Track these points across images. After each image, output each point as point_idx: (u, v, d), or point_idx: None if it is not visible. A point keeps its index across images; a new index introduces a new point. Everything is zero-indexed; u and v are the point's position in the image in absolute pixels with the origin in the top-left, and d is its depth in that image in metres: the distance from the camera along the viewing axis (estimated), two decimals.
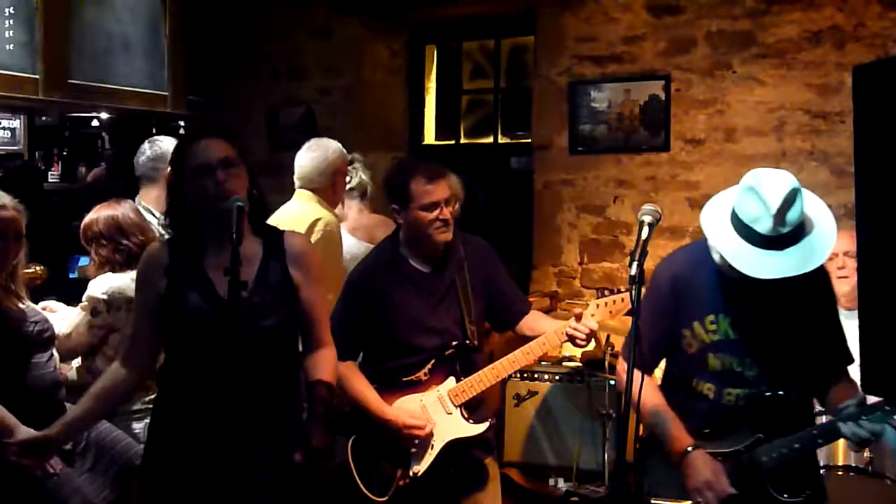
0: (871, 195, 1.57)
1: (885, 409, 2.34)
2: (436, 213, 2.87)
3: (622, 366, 2.75)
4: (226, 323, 2.33)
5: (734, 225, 2.43)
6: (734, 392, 2.58)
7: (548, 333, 2.95)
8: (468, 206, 4.18)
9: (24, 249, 3.08)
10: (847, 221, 4.43)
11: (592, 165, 5.42)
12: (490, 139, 6.16)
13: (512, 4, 5.75)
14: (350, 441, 2.96)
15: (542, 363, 4.84)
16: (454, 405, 2.93)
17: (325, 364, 2.57)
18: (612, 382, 4.37)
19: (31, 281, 3.39)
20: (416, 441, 2.91)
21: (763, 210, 2.34)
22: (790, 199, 2.33)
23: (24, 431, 2.86)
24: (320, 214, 3.75)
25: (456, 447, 2.94)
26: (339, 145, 4.03)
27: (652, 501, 2.48)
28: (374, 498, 2.92)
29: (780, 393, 2.54)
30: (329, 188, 3.91)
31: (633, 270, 2.30)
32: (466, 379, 2.94)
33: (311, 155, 3.92)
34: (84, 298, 3.33)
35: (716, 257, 2.57)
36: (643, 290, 2.38)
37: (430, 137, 6.36)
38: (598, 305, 2.96)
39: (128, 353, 2.58)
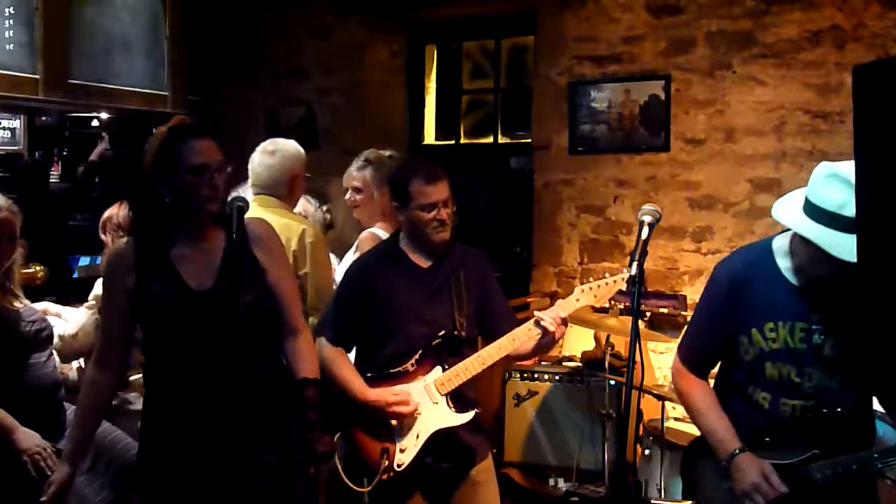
0: (872, 195, 1.56)
1: None
2: (433, 213, 2.94)
3: (675, 366, 2.68)
4: (197, 313, 2.39)
5: (814, 217, 2.34)
6: (790, 403, 2.49)
7: (532, 320, 2.97)
8: (469, 207, 4.20)
9: (20, 250, 3.08)
10: None
11: (592, 165, 5.42)
12: (490, 139, 6.16)
13: (512, 4, 5.75)
14: (336, 437, 2.98)
15: (542, 363, 4.85)
16: (440, 394, 2.95)
17: (306, 356, 2.60)
18: (613, 382, 4.37)
19: (31, 281, 3.40)
20: (401, 425, 2.92)
21: (851, 193, 2.25)
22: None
23: (23, 432, 2.87)
24: (303, 224, 3.69)
25: (446, 440, 2.95)
26: (297, 147, 3.81)
27: (652, 502, 2.47)
28: (356, 489, 2.94)
29: (840, 409, 2.43)
30: (288, 194, 3.75)
31: (633, 270, 2.29)
32: (452, 368, 2.96)
33: (268, 161, 3.70)
34: (90, 298, 3.33)
35: (781, 263, 2.49)
36: (639, 290, 2.35)
37: (430, 137, 6.36)
38: (582, 290, 2.97)
39: (102, 354, 2.57)
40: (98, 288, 3.31)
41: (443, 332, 2.96)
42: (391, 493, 2.94)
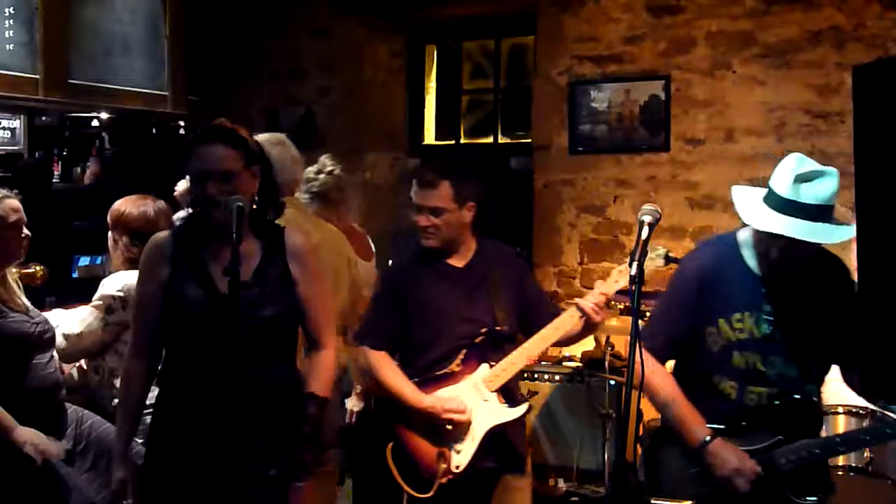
0: (871, 195, 1.57)
1: None
2: (420, 217, 2.97)
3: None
4: (222, 315, 2.35)
5: (771, 205, 2.45)
6: (756, 391, 2.58)
7: (573, 307, 2.96)
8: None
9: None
10: None
11: (592, 165, 5.42)
12: (490, 139, 6.16)
13: (512, 4, 5.75)
14: (389, 447, 2.99)
15: (542, 363, 4.84)
16: (489, 391, 2.96)
17: (321, 373, 2.57)
18: (613, 382, 4.37)
19: (31, 281, 3.39)
20: (456, 428, 2.93)
21: (789, 176, 2.41)
22: (819, 172, 2.39)
23: (22, 432, 2.87)
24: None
25: (498, 438, 2.97)
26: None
27: (652, 502, 2.49)
28: (417, 495, 2.94)
29: (801, 396, 2.53)
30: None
31: (633, 270, 2.29)
32: (499, 364, 2.97)
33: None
34: (97, 297, 3.30)
35: (746, 255, 2.58)
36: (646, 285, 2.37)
37: (430, 137, 6.36)
38: (619, 272, 2.92)
39: (137, 346, 2.59)
40: (105, 287, 3.29)
41: (484, 328, 2.97)
42: (452, 497, 2.95)
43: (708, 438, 2.53)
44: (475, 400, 2.95)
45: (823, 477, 2.60)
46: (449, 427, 2.93)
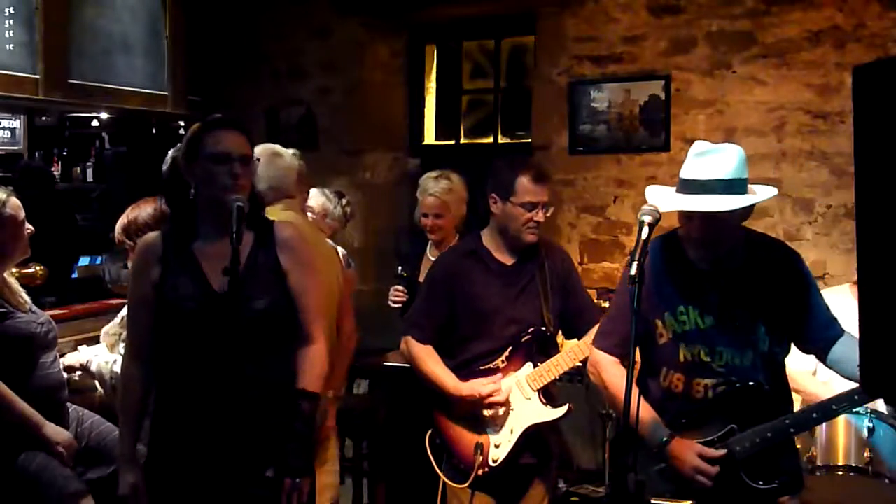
0: (871, 195, 1.56)
1: None
2: (532, 213, 2.98)
3: (594, 357, 2.76)
4: (215, 311, 2.36)
5: (677, 190, 2.55)
6: (703, 382, 2.60)
7: None
8: (469, 207, 4.20)
9: None
10: (847, 221, 4.46)
11: (592, 165, 5.42)
12: (490, 139, 6.16)
13: (512, 4, 5.75)
14: (427, 435, 3.03)
15: None
16: (532, 390, 2.98)
17: (312, 367, 2.54)
18: None
19: (30, 281, 3.39)
20: (496, 420, 2.95)
21: (691, 157, 2.54)
22: (714, 148, 2.51)
23: (52, 427, 2.90)
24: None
25: (535, 437, 2.99)
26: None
27: (652, 501, 2.49)
28: (454, 485, 2.98)
29: (751, 383, 2.56)
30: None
31: (633, 270, 2.30)
32: (544, 363, 2.99)
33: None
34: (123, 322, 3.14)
35: (687, 249, 2.62)
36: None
37: (430, 137, 6.35)
38: None
39: (133, 348, 2.58)
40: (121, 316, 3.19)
41: (532, 328, 2.99)
42: (487, 489, 2.98)
43: (665, 438, 2.54)
44: (517, 397, 2.99)
45: (786, 463, 2.61)
46: (487, 413, 2.94)
